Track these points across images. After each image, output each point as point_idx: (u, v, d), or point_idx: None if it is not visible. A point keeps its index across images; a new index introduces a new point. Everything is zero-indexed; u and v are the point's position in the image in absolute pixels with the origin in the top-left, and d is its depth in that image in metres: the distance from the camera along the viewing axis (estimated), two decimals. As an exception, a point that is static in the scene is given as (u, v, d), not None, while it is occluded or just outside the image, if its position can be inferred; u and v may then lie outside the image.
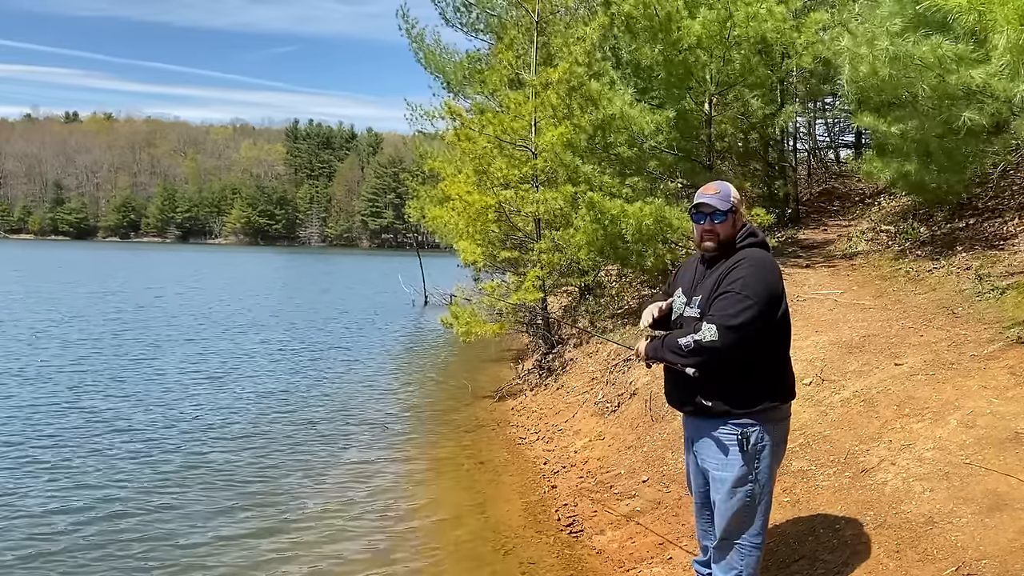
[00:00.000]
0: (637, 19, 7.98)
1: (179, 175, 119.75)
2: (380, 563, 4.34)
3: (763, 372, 2.66)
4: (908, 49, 5.81)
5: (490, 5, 14.10)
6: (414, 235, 28.79)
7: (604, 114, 7.98)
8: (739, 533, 2.71)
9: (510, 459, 6.32)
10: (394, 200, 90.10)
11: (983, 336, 4.79)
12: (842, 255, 8.86)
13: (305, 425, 7.57)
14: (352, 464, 6.29)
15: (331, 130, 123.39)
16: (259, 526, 4.89)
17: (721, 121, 8.92)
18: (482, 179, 8.75)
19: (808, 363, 5.11)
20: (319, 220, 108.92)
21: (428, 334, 15.65)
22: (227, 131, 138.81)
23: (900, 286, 6.84)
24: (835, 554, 3.17)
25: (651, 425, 5.55)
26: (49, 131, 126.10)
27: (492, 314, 9.53)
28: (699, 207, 2.77)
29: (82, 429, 7.08)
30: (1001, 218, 7.47)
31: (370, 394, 9.32)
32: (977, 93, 5.77)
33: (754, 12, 7.75)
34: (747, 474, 2.65)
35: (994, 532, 2.87)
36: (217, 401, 8.50)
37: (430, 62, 14.98)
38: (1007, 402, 3.74)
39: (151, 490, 5.49)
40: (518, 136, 8.73)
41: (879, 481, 3.53)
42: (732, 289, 2.58)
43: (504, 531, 4.68)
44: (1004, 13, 3.73)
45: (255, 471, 6.02)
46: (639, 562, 3.86)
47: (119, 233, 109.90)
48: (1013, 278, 5.73)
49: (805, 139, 16.11)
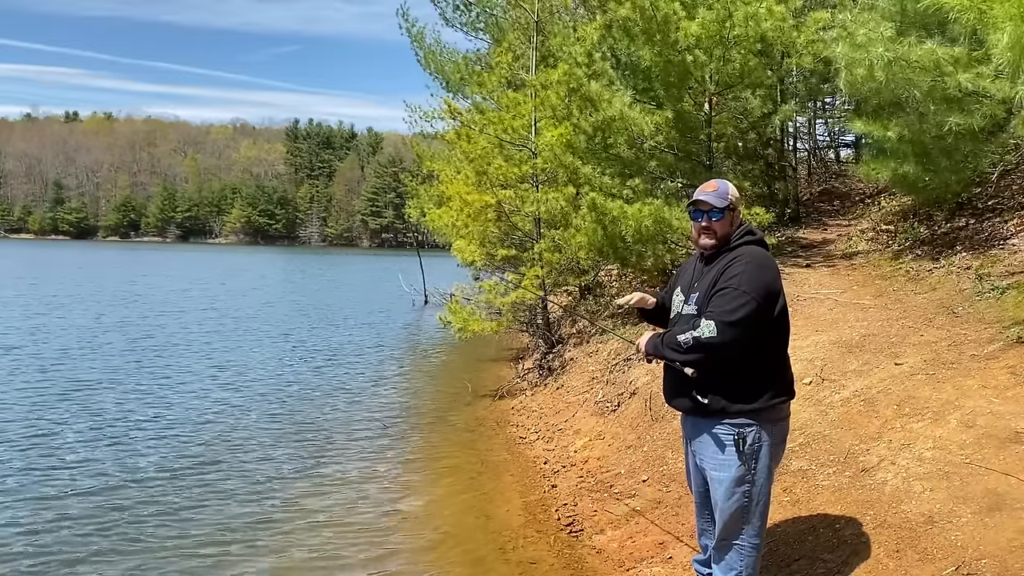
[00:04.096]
0: (635, 21, 7.97)
1: (179, 175, 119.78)
2: (379, 563, 4.34)
3: (761, 370, 2.66)
4: (904, 52, 5.83)
5: (489, 4, 14.12)
6: (414, 235, 28.74)
7: (604, 115, 7.97)
8: (738, 533, 2.71)
9: (510, 459, 6.32)
10: (394, 200, 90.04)
11: (983, 336, 4.79)
12: (842, 255, 8.86)
13: (304, 424, 7.57)
14: (352, 463, 6.29)
15: (331, 130, 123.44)
16: (256, 524, 4.88)
17: (721, 121, 8.91)
18: (481, 179, 8.75)
19: (808, 362, 5.10)
20: (319, 220, 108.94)
21: (428, 334, 15.65)
22: (227, 131, 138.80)
23: (900, 286, 6.84)
24: (835, 553, 3.17)
25: (651, 424, 5.55)
26: (49, 131, 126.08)
27: (491, 313, 9.53)
28: (697, 204, 2.77)
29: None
30: (1001, 218, 7.47)
31: (370, 393, 9.32)
32: (973, 95, 5.78)
33: (753, 12, 7.74)
34: (744, 474, 2.65)
35: (994, 532, 2.87)
36: (217, 400, 8.51)
37: (430, 62, 14.99)
38: (1007, 402, 3.74)
39: (149, 484, 5.50)
40: (518, 136, 8.73)
41: (879, 481, 3.53)
42: (730, 285, 2.58)
43: (504, 531, 4.68)
44: (1005, 10, 3.73)
45: (253, 469, 6.02)
46: (639, 562, 3.86)
47: (119, 233, 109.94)
48: (1013, 278, 5.73)
49: (805, 139, 16.11)
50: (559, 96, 8.25)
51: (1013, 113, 6.03)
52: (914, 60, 5.80)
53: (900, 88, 6.21)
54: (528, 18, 10.08)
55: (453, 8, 14.62)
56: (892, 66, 5.95)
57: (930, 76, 5.86)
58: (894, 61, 5.92)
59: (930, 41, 5.82)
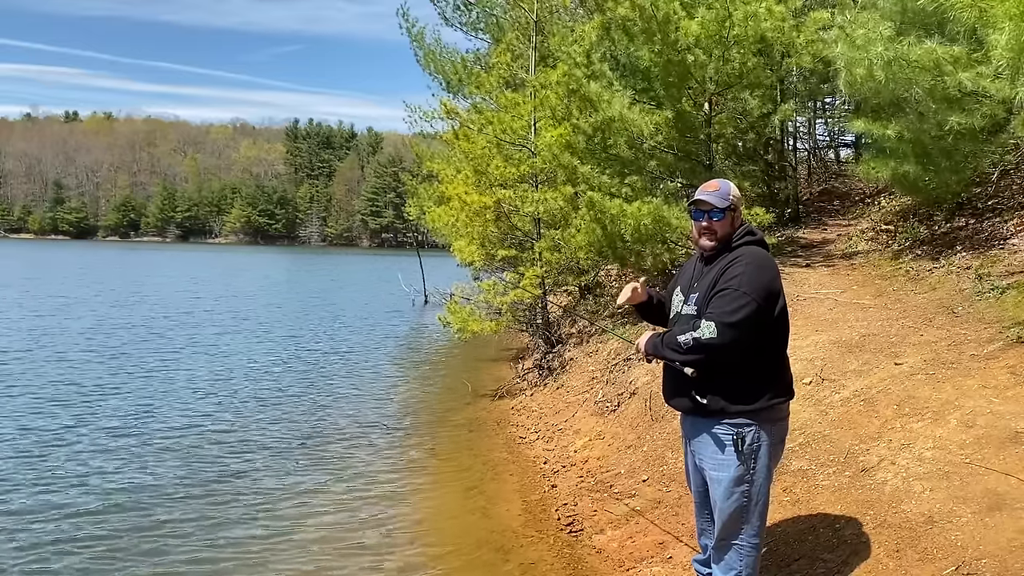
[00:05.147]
0: (634, 21, 7.97)
1: (179, 175, 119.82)
2: (379, 562, 4.33)
3: (760, 370, 2.66)
4: (903, 51, 5.83)
5: (489, 4, 14.11)
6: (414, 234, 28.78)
7: (603, 116, 7.97)
8: (737, 533, 2.71)
9: (510, 458, 6.32)
10: (394, 199, 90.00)
11: (983, 336, 4.79)
12: (842, 255, 8.85)
13: (304, 424, 7.56)
14: (351, 463, 6.29)
15: (331, 129, 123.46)
16: (255, 523, 4.88)
17: (720, 121, 8.90)
18: (481, 179, 8.74)
19: (808, 362, 5.10)
20: (319, 219, 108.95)
21: (428, 333, 15.65)
22: (227, 130, 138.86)
23: (900, 285, 6.84)
24: (835, 553, 3.17)
25: (651, 424, 5.55)
26: (49, 131, 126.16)
27: (491, 312, 9.52)
28: (697, 204, 2.77)
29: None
30: (1001, 218, 7.46)
31: (370, 393, 9.32)
32: (973, 94, 5.78)
33: (753, 11, 7.73)
34: (743, 474, 2.65)
35: (994, 531, 2.86)
36: (216, 400, 8.51)
37: (429, 62, 14.97)
38: (1007, 402, 3.74)
39: (151, 485, 5.50)
40: (517, 136, 8.72)
41: (879, 480, 3.52)
42: (730, 286, 2.58)
43: (504, 531, 4.67)
44: (1005, 9, 3.72)
45: (252, 468, 6.02)
46: (639, 561, 3.86)
47: (119, 233, 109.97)
48: (1013, 278, 5.73)
49: (805, 139, 16.11)
50: (558, 96, 8.25)
51: (1013, 113, 6.03)
52: (913, 59, 5.80)
53: (900, 88, 6.21)
54: (527, 18, 10.07)
55: (453, 8, 14.62)
56: (891, 66, 5.95)
57: (930, 76, 5.86)
58: (893, 60, 5.92)
59: (930, 40, 5.82)
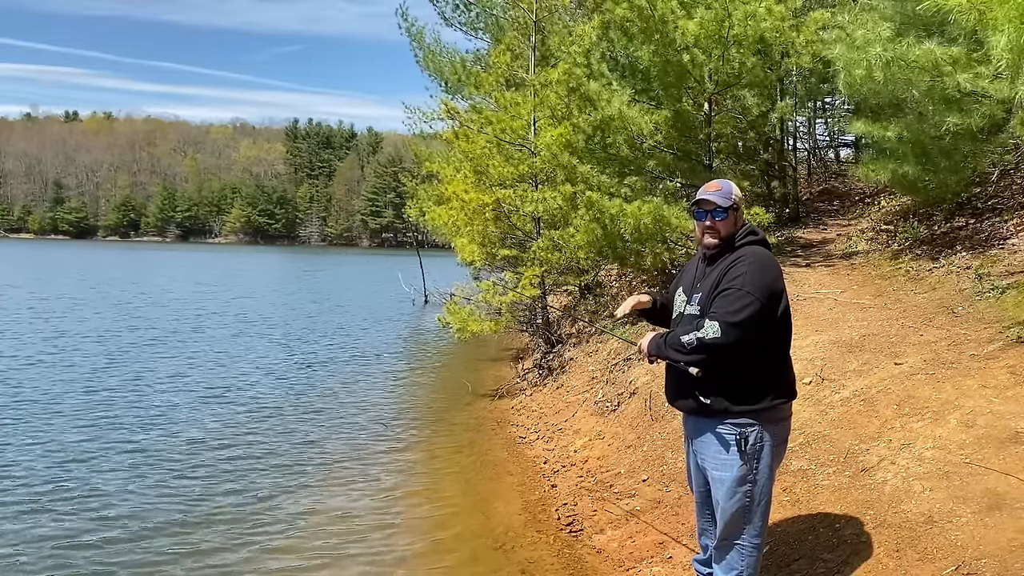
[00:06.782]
0: (633, 20, 7.97)
1: (179, 174, 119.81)
2: (378, 562, 4.34)
3: (763, 370, 2.66)
4: (902, 52, 5.83)
5: (489, 4, 14.10)
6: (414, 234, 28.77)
7: (603, 115, 7.97)
8: (739, 533, 2.71)
9: (510, 458, 6.32)
10: (394, 199, 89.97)
11: (983, 336, 4.79)
12: (842, 254, 8.86)
13: (304, 423, 7.57)
14: (351, 462, 6.29)
15: (331, 129, 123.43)
16: (254, 522, 4.88)
17: (720, 121, 8.91)
18: (480, 179, 8.74)
19: (808, 362, 5.11)
20: (319, 219, 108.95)
21: (428, 333, 15.65)
22: (227, 130, 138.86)
23: (900, 285, 6.84)
24: (835, 553, 3.17)
25: (651, 424, 5.55)
26: (49, 131, 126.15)
27: (491, 312, 9.52)
28: (700, 203, 2.78)
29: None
30: (1000, 218, 7.47)
31: (370, 393, 9.32)
32: (972, 95, 5.78)
33: (752, 11, 7.73)
34: (746, 474, 2.65)
35: (993, 531, 2.87)
36: (215, 400, 8.51)
37: (429, 62, 14.96)
38: (1007, 401, 3.74)
39: (156, 485, 5.51)
40: (517, 136, 8.72)
41: (879, 480, 3.53)
42: (733, 286, 2.59)
43: (504, 530, 4.68)
44: (1004, 12, 3.73)
45: (252, 467, 6.02)
46: (639, 561, 3.86)
47: (119, 232, 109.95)
48: (1013, 278, 5.73)
49: (805, 139, 16.11)
50: (558, 95, 8.25)
51: (1012, 113, 6.03)
52: (913, 60, 5.81)
53: (899, 88, 6.21)
54: (527, 17, 10.08)
55: (452, 7, 14.61)
56: (891, 66, 5.96)
57: (929, 76, 5.87)
58: (893, 61, 5.92)
59: (929, 41, 5.82)
